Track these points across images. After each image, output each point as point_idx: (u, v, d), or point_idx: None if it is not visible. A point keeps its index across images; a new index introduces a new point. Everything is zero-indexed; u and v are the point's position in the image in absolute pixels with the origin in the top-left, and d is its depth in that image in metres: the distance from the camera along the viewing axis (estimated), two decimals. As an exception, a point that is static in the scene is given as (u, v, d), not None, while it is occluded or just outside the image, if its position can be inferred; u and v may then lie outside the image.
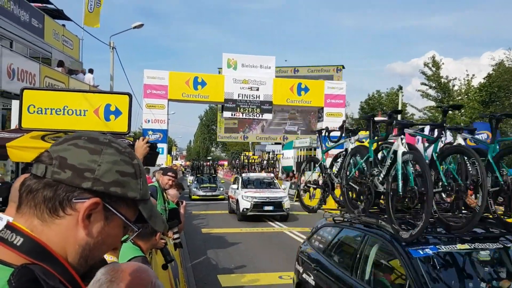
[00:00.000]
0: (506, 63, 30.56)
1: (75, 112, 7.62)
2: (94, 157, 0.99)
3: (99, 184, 0.97)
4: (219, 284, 8.28)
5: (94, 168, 0.97)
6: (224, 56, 25.58)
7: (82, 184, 0.96)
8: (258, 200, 16.69)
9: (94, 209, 0.97)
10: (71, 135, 1.04)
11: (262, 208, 16.57)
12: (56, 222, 0.96)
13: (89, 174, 0.97)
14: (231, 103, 25.26)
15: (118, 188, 1.00)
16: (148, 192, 1.09)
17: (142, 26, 21.47)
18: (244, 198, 16.84)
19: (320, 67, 43.14)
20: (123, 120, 7.52)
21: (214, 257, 10.66)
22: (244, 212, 16.58)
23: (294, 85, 26.43)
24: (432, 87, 36.07)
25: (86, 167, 0.97)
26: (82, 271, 1.01)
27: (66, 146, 0.99)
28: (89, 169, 0.97)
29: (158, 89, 24.16)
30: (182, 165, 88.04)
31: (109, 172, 0.99)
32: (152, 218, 1.08)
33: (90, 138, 1.03)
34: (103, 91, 14.67)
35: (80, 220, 0.97)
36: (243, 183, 18.51)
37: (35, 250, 0.93)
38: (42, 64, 15.67)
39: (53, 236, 0.96)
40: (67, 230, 0.97)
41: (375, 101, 45.24)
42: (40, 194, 0.96)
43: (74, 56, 22.31)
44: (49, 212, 0.96)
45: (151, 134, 23.57)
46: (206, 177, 28.55)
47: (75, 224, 0.97)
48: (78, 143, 1.00)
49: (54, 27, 20.01)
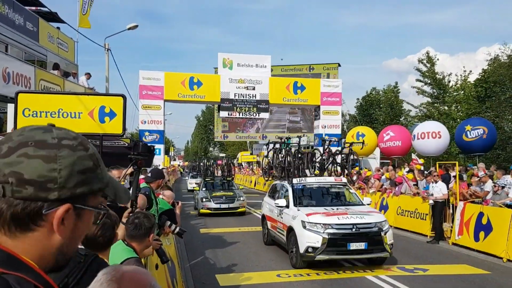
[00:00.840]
0: (502, 58, 30.60)
1: (70, 114, 7.64)
2: (51, 165, 0.95)
3: (65, 191, 0.96)
4: (217, 284, 8.30)
5: (55, 177, 0.95)
6: (220, 55, 25.57)
7: (48, 196, 0.95)
8: (337, 230, 9.17)
9: (62, 215, 0.97)
10: (14, 140, 0.97)
11: (347, 247, 9.08)
12: (29, 235, 0.96)
13: (52, 184, 0.95)
14: (227, 103, 25.25)
15: (84, 187, 1.00)
16: (107, 173, 1.10)
17: (137, 27, 21.47)
18: (309, 227, 9.24)
19: (317, 65, 43.17)
20: (118, 121, 7.55)
21: (213, 257, 10.68)
22: (310, 256, 9.08)
23: (290, 83, 26.43)
24: (427, 84, 36.14)
25: (46, 178, 0.94)
26: (63, 263, 1.04)
27: (16, 159, 0.94)
28: (51, 179, 0.94)
29: (153, 90, 24.13)
30: (180, 165, 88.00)
31: (71, 176, 0.97)
32: (117, 197, 1.12)
33: (38, 142, 0.97)
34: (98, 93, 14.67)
35: (56, 228, 0.97)
36: (295, 196, 10.69)
37: (6, 261, 0.93)
38: (37, 67, 15.65)
39: (28, 249, 0.96)
40: (42, 240, 0.97)
41: (372, 98, 45.29)
42: (5, 213, 0.94)
43: (70, 59, 22.28)
44: (19, 228, 0.95)
45: (148, 135, 23.56)
46: (219, 181, 21.50)
47: (49, 232, 0.97)
48: (28, 152, 0.95)
49: (49, 30, 19.98)
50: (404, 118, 42.66)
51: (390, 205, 15.43)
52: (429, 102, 36.46)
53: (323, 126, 26.78)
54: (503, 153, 29.60)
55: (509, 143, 29.50)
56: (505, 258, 9.97)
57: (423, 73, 35.95)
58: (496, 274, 9.00)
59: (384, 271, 9.06)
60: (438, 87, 35.34)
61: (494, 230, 10.60)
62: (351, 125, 43.24)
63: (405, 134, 21.72)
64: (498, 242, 10.36)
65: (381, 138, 22.20)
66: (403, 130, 23.00)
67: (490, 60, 31.32)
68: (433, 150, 19.85)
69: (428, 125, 21.03)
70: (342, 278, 8.63)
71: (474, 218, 11.34)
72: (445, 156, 28.36)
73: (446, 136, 19.81)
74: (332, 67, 42.92)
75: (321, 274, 8.87)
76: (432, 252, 11.33)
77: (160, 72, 24.68)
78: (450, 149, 29.09)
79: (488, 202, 11.83)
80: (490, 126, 18.28)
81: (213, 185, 20.60)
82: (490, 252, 10.51)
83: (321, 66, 42.86)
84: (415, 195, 14.22)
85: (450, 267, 9.64)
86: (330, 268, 9.32)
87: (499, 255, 10.17)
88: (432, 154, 20.63)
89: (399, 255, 10.86)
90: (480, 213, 11.19)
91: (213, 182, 21.00)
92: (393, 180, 16.01)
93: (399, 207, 14.88)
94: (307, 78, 33.11)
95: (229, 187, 20.56)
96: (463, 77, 34.61)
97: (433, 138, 19.38)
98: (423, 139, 19.61)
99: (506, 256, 9.97)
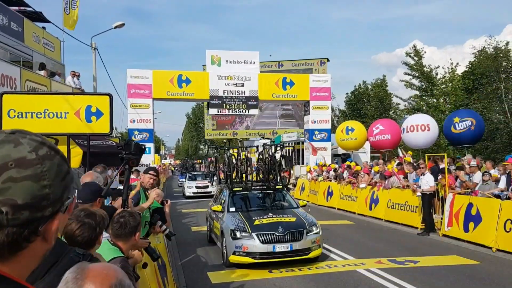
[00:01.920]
0: (488, 51, 30.85)
1: (56, 114, 7.59)
2: (40, 183, 0.94)
3: (57, 204, 0.97)
4: (209, 281, 8.29)
5: (47, 193, 0.94)
6: (208, 52, 25.49)
7: (44, 213, 0.94)
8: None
9: (57, 226, 0.99)
10: None
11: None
12: (18, 254, 0.95)
13: (46, 202, 0.94)
14: (216, 100, 25.20)
15: (67, 192, 1.01)
16: None
17: (123, 25, 21.33)
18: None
19: (304, 60, 43.18)
20: (105, 121, 7.53)
21: (204, 254, 10.66)
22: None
23: (279, 79, 26.45)
24: (415, 77, 36.36)
25: (40, 197, 0.93)
26: None
27: (2, 186, 0.90)
28: (43, 197, 0.94)
29: (142, 88, 24.01)
30: (171, 164, 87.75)
31: (58, 187, 0.97)
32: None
33: (18, 161, 0.93)
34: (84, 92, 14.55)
35: (50, 239, 0.99)
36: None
37: None
38: (23, 68, 15.46)
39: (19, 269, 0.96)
40: (32, 255, 0.97)
41: (362, 92, 45.47)
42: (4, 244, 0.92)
43: (56, 59, 22.04)
44: (13, 251, 0.94)
45: (137, 134, 23.44)
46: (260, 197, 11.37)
47: (41, 243, 0.97)
48: (12, 175, 0.91)
49: (34, 30, 19.74)
50: (393, 111, 42.90)
51: (381, 199, 15.51)
52: (417, 95, 36.70)
53: (313, 121, 26.86)
54: (492, 144, 29.88)
55: (497, 134, 29.79)
56: (495, 248, 10.07)
57: (411, 66, 36.16)
58: (486, 264, 9.09)
59: (375, 264, 9.11)
60: (426, 80, 35.57)
61: (484, 220, 10.70)
62: (341, 120, 43.40)
63: (395, 128, 21.83)
64: (488, 232, 10.46)
65: (371, 132, 22.29)
66: (392, 123, 23.11)
67: (476, 53, 31.58)
68: (422, 142, 19.97)
69: (417, 118, 21.15)
70: (333, 272, 8.66)
71: (463, 209, 11.43)
72: (434, 148, 28.58)
73: (435, 129, 19.94)
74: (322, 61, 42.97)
75: (312, 268, 8.90)
76: (422, 244, 11.41)
77: (148, 70, 24.56)
78: (439, 141, 29.31)
79: (477, 193, 11.94)
80: (478, 118, 18.42)
81: (248, 201, 11.02)
82: (480, 243, 10.61)
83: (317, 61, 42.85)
84: (405, 188, 14.32)
85: (441, 259, 9.72)
86: (321, 262, 9.36)
87: (489, 245, 10.27)
88: (421, 147, 20.76)
89: (390, 247, 10.93)
90: (470, 204, 11.28)
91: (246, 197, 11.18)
92: (383, 173, 16.10)
93: (389, 200, 14.96)
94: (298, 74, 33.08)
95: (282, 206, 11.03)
96: (451, 70, 34.88)
97: (422, 131, 19.49)
98: (412, 132, 19.71)
99: (496, 246, 10.07)
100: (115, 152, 10.63)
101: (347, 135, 23.67)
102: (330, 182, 20.35)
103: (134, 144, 4.16)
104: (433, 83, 35.54)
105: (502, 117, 30.27)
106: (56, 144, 6.46)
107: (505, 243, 9.91)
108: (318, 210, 19.15)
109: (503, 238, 9.98)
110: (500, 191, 11.72)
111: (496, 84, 29.88)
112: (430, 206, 12.72)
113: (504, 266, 8.97)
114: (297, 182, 24.94)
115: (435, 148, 29.45)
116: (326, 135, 26.99)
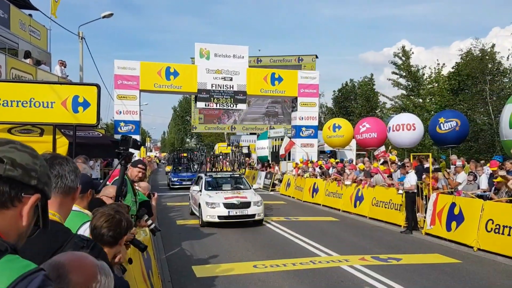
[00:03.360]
0: (474, 52, 31.23)
1: (42, 104, 7.48)
2: (34, 160, 1.19)
3: (40, 183, 1.19)
4: (193, 275, 8.28)
5: (36, 169, 1.19)
6: (197, 45, 25.34)
7: (31, 181, 1.16)
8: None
9: (35, 203, 1.17)
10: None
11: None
12: (4, 212, 1.13)
13: (34, 173, 1.18)
14: (204, 94, 25.09)
15: (47, 188, 1.23)
16: None
17: (112, 15, 21.07)
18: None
19: (283, 57, 43.12)
20: (92, 111, 7.45)
21: (189, 248, 10.65)
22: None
23: (268, 75, 26.43)
24: (402, 76, 36.68)
25: (31, 167, 1.17)
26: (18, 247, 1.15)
27: (8, 148, 1.16)
28: (34, 169, 1.18)
29: (129, 79, 23.78)
30: (156, 156, 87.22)
31: (44, 174, 1.21)
32: None
33: (22, 144, 1.21)
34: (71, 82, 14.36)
35: (26, 213, 1.16)
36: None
37: None
38: (9, 55, 15.21)
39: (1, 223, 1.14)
40: (12, 219, 1.15)
41: (349, 90, 45.68)
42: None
43: (42, 47, 21.72)
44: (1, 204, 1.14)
45: (123, 126, 23.25)
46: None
47: (19, 215, 1.15)
48: (17, 147, 1.18)
49: (21, 17, 19.42)
50: (380, 110, 43.22)
51: (366, 196, 15.64)
52: (404, 95, 37.04)
53: (300, 118, 26.92)
54: (475, 145, 30.31)
55: (480, 135, 30.22)
56: (476, 247, 10.24)
57: (398, 66, 36.45)
58: (467, 263, 9.24)
59: (359, 260, 9.20)
60: (413, 80, 35.90)
61: (466, 220, 10.86)
62: (328, 117, 43.58)
63: (381, 126, 22.00)
64: (469, 231, 10.63)
65: (357, 130, 22.44)
66: (378, 122, 23.28)
67: (462, 54, 31.97)
68: (407, 142, 20.18)
69: (403, 117, 21.35)
70: (317, 268, 8.72)
71: (446, 209, 11.59)
72: (419, 148, 28.91)
73: (421, 128, 20.15)
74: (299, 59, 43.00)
75: (297, 264, 8.95)
76: (405, 242, 11.55)
77: (136, 61, 24.34)
78: (424, 141, 29.65)
79: (460, 193, 12.11)
80: (462, 119, 18.65)
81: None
82: (462, 242, 10.78)
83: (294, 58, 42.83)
84: (390, 186, 14.46)
85: (423, 257, 9.85)
86: (305, 258, 9.42)
87: (470, 244, 10.44)
88: (406, 146, 20.97)
89: (374, 245, 11.04)
90: (453, 203, 11.44)
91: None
92: (368, 171, 16.23)
93: (374, 197, 15.10)
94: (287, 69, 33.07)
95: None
96: (437, 70, 35.24)
97: (407, 130, 19.68)
98: (398, 131, 19.89)
99: (477, 245, 10.24)
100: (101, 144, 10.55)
101: (334, 132, 23.80)
102: (316, 178, 20.45)
103: (132, 140, 4.13)
104: (419, 83, 35.89)
105: (486, 119, 30.72)
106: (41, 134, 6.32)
107: (486, 243, 10.09)
108: (303, 206, 19.24)
109: (485, 237, 10.16)
110: (483, 192, 11.92)
111: (481, 85, 30.29)
112: (413, 204, 12.87)
113: (485, 266, 9.13)
114: (283, 178, 25.00)
115: (420, 148, 29.79)
116: (313, 132, 27.09)
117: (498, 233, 9.83)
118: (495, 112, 28.44)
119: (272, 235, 12.31)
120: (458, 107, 29.66)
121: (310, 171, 21.77)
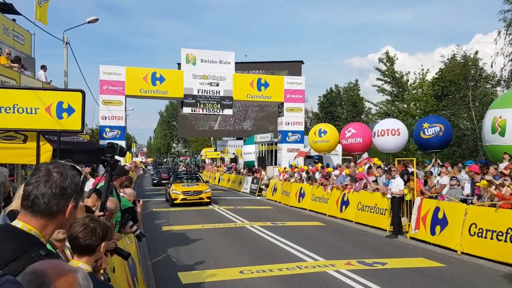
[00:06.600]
0: (457, 59, 31.72)
1: (26, 110, 7.38)
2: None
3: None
4: (179, 282, 8.23)
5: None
6: (183, 51, 25.30)
7: None
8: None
9: None
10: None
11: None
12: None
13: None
14: (190, 99, 25.03)
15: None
16: None
17: (97, 20, 20.95)
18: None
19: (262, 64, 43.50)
20: (76, 117, 7.36)
21: (175, 254, 10.59)
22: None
23: (254, 80, 26.47)
24: (387, 82, 37.07)
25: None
26: None
27: None
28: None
29: (114, 85, 23.63)
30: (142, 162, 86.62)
31: None
32: None
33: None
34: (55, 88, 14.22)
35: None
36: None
37: None
38: (-9, 60, 14.98)
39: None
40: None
41: (334, 95, 45.98)
42: None
43: (26, 52, 21.46)
44: None
45: (109, 131, 23.07)
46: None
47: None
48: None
49: (4, 22, 19.18)
50: (365, 115, 43.58)
51: (351, 201, 15.74)
52: (388, 100, 37.42)
53: (286, 123, 27.00)
54: (459, 149, 30.73)
55: (464, 140, 30.63)
56: (459, 251, 10.37)
57: (383, 72, 36.83)
58: (451, 267, 9.35)
59: (345, 265, 9.25)
60: (398, 86, 36.30)
61: (450, 224, 11.00)
62: (314, 122, 43.79)
63: (366, 131, 22.18)
64: (453, 235, 10.76)
65: (343, 135, 22.59)
66: (364, 127, 23.47)
67: (446, 61, 32.44)
68: (392, 147, 20.38)
69: (387, 122, 21.56)
70: (303, 273, 8.75)
71: (430, 213, 11.73)
72: (404, 152, 29.20)
73: (405, 133, 20.38)
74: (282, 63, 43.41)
75: (283, 269, 8.97)
76: (390, 246, 11.64)
77: (121, 67, 24.20)
78: (409, 146, 29.96)
79: (444, 197, 12.26)
80: (446, 124, 18.91)
81: None
82: (446, 246, 10.91)
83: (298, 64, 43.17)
84: (375, 191, 14.57)
85: (408, 261, 9.94)
86: (292, 263, 9.44)
87: (454, 248, 10.57)
88: (391, 151, 21.17)
89: (359, 249, 11.11)
90: (437, 208, 11.58)
91: None
92: (354, 176, 16.34)
93: (359, 202, 15.20)
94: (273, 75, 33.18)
95: None
96: (421, 76, 35.70)
97: (392, 135, 19.88)
98: (383, 136, 20.09)
99: (460, 249, 10.37)
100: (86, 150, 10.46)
101: (320, 137, 23.91)
102: (302, 183, 20.52)
103: (119, 147, 4.11)
104: (404, 89, 36.30)
105: (469, 124, 31.16)
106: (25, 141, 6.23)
107: (470, 247, 10.22)
108: (290, 211, 19.28)
109: (468, 241, 10.29)
110: (466, 196, 12.09)
111: (464, 91, 30.75)
112: (399, 209, 12.99)
113: (468, 269, 9.25)
114: (270, 183, 25.03)
115: (405, 153, 30.10)
116: (299, 137, 27.19)
117: (481, 237, 9.98)
118: (477, 118, 28.88)
119: (259, 240, 12.31)
120: (442, 113, 30.07)
121: (296, 176, 21.85)
